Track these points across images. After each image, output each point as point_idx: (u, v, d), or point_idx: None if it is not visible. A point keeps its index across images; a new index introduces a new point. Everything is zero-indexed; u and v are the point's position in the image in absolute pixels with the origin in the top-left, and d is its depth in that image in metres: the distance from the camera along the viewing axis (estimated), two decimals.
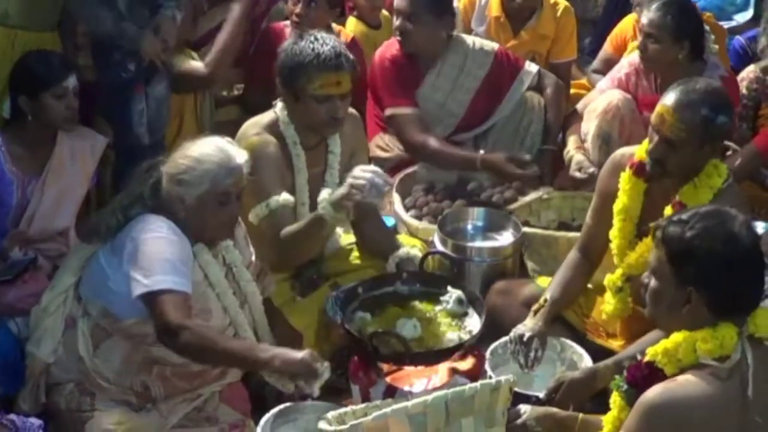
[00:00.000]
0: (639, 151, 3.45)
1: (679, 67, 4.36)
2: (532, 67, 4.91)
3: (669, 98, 3.29)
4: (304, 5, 4.86)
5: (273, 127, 3.72)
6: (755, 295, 2.51)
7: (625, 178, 3.48)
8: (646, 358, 2.56)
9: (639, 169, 3.44)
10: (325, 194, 3.52)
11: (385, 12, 5.59)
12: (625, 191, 3.48)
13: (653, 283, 2.57)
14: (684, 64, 4.38)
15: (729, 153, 4.50)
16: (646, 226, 3.39)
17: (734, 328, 2.47)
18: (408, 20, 4.63)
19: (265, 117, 3.78)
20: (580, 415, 2.99)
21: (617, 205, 3.50)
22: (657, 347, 2.54)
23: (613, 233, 3.53)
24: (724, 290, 2.46)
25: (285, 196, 3.61)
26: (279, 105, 3.78)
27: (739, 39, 5.33)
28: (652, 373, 2.52)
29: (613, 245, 3.53)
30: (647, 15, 4.42)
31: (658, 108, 3.32)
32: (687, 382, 2.43)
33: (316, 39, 3.64)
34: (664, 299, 2.55)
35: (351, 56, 3.70)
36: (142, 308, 3.06)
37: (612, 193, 3.53)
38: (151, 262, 3.03)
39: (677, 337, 2.51)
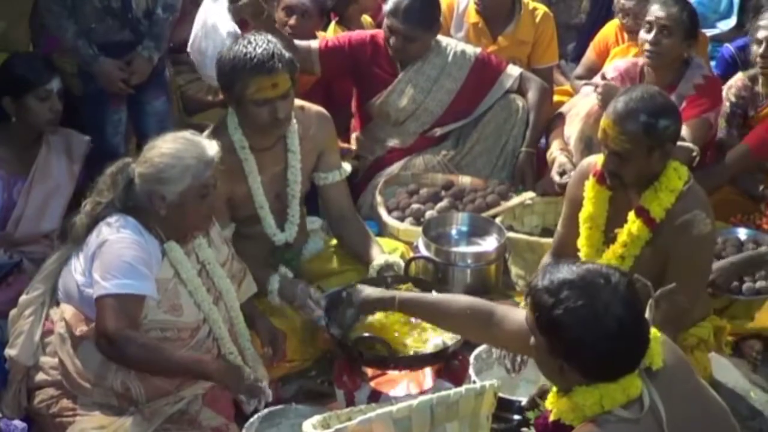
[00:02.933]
0: (600, 159, 3.45)
1: (675, 67, 4.40)
2: (513, 70, 4.91)
3: (609, 111, 3.29)
4: (298, 17, 4.90)
5: (223, 133, 3.70)
6: (632, 360, 2.41)
7: (589, 187, 3.49)
8: (551, 418, 2.50)
9: (602, 178, 3.45)
10: (275, 283, 3.72)
11: (366, 17, 5.60)
12: (590, 199, 3.49)
13: (532, 340, 2.50)
14: (680, 63, 4.43)
15: (694, 154, 4.50)
16: (613, 233, 3.42)
17: (634, 373, 2.40)
18: (406, 40, 4.67)
19: (220, 123, 3.79)
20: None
21: (583, 214, 3.51)
22: (560, 404, 2.47)
23: (581, 242, 3.53)
24: (595, 364, 2.38)
25: (226, 231, 3.68)
26: (230, 110, 3.76)
27: (729, 47, 5.34)
28: (562, 430, 2.47)
29: (581, 253, 3.53)
30: (663, 8, 4.40)
31: (601, 123, 3.32)
32: (608, 425, 2.36)
33: (249, 42, 3.58)
34: (542, 362, 2.49)
35: (287, 55, 3.62)
36: None
37: (580, 200, 3.54)
38: (112, 265, 3.07)
39: (579, 394, 2.42)
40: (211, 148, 3.22)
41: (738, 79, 4.79)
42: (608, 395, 2.39)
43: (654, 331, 2.47)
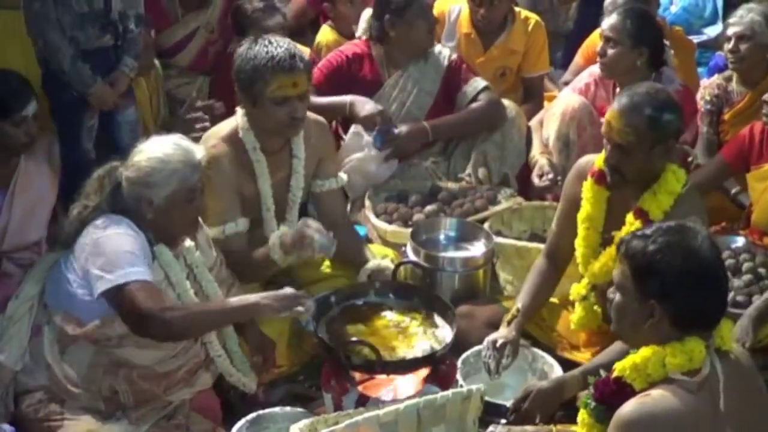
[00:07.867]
0: (599, 159, 3.48)
1: (636, 75, 4.41)
2: (478, 83, 4.85)
3: (614, 104, 3.35)
4: None
5: (232, 136, 3.73)
6: (717, 310, 2.53)
7: (587, 187, 3.51)
8: (614, 374, 2.56)
9: (600, 178, 3.47)
10: (275, 238, 3.57)
11: None
12: (588, 200, 3.51)
13: (617, 298, 2.59)
14: (641, 72, 4.44)
15: (690, 159, 4.54)
16: (610, 234, 3.43)
17: (702, 342, 2.49)
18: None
19: (226, 125, 3.80)
20: (554, 428, 3.00)
21: (581, 214, 3.52)
22: (624, 362, 2.55)
23: (578, 242, 3.55)
24: (686, 304, 2.48)
25: (240, 226, 3.70)
26: (239, 111, 3.78)
27: (721, 55, 5.39)
28: (621, 389, 2.53)
29: (578, 254, 3.56)
30: (608, 20, 4.50)
31: (606, 116, 3.38)
32: (660, 397, 2.43)
33: (270, 42, 3.63)
34: (628, 314, 2.56)
35: (305, 56, 3.70)
36: (104, 308, 3.08)
37: (577, 199, 3.56)
38: (112, 257, 3.05)
39: (645, 352, 2.52)
40: (199, 152, 3.24)
41: (714, 79, 4.92)
42: (672, 357, 2.46)
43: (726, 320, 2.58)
